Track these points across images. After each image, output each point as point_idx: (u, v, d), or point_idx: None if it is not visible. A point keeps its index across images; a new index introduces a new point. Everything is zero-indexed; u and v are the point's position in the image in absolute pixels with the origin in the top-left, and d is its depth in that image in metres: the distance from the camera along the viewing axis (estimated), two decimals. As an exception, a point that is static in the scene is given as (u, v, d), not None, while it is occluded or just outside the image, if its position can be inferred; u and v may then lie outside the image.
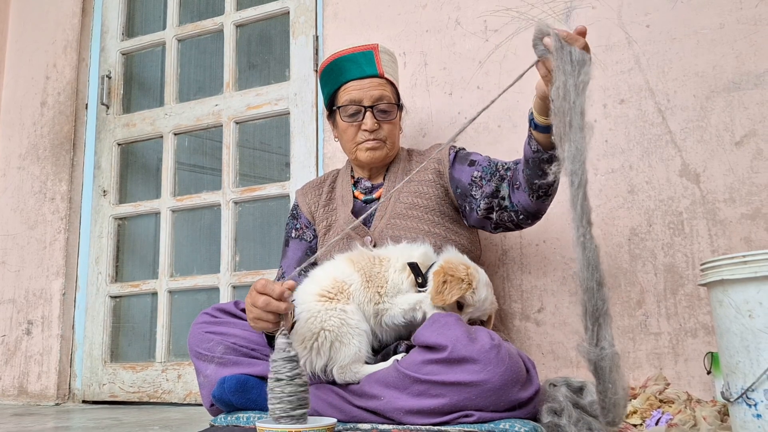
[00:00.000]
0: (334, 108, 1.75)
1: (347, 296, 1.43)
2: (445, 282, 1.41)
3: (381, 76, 1.73)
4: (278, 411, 1.17)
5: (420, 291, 1.45)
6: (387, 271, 1.47)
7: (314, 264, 1.78)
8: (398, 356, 1.41)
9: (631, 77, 1.92)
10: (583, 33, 1.15)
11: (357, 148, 1.73)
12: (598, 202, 1.90)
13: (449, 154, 1.72)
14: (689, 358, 1.74)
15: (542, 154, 1.39)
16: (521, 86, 2.05)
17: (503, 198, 1.58)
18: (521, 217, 1.57)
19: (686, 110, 1.85)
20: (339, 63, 1.74)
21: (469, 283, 1.43)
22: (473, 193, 1.64)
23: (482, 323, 1.52)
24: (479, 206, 1.62)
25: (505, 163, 1.63)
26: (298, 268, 1.42)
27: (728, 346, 1.20)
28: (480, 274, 1.49)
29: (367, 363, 1.42)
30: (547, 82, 1.18)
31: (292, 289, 1.29)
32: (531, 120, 1.38)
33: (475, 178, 1.64)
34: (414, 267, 1.46)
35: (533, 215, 1.56)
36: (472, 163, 1.67)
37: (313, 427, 1.16)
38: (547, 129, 1.34)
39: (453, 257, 1.50)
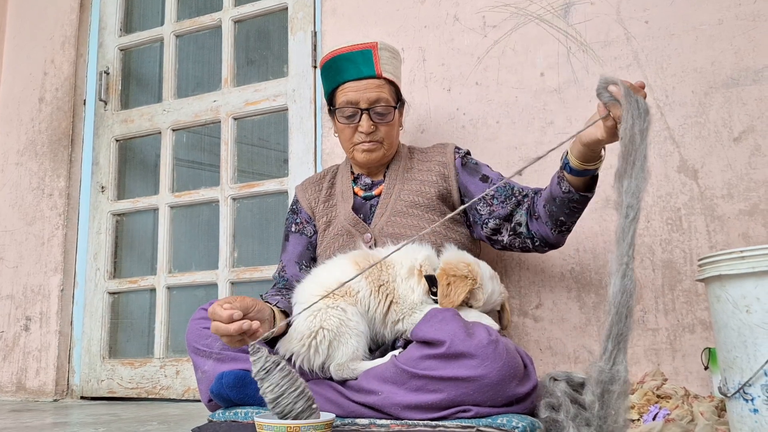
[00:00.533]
0: (332, 107, 1.75)
1: (354, 301, 1.42)
2: (449, 284, 1.41)
3: (379, 77, 1.69)
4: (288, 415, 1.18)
5: (434, 299, 1.45)
6: (395, 281, 1.46)
7: (314, 260, 1.79)
8: (395, 351, 1.41)
9: (630, 73, 1.91)
10: (642, 86, 1.24)
11: (354, 149, 1.72)
12: (596, 198, 1.89)
13: (454, 158, 1.72)
14: (687, 354, 1.74)
15: (573, 195, 1.45)
16: (520, 82, 2.06)
17: (519, 224, 1.60)
18: (537, 244, 1.60)
19: (685, 106, 1.85)
20: (337, 62, 1.72)
21: (474, 279, 1.44)
22: (478, 208, 1.66)
23: (499, 314, 1.53)
24: (486, 224, 1.64)
25: (522, 189, 1.64)
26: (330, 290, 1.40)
27: (725, 342, 1.20)
28: (482, 269, 1.48)
29: (364, 359, 1.42)
30: (610, 132, 1.26)
31: (245, 308, 1.30)
32: (566, 164, 1.42)
33: (486, 195, 1.65)
34: (430, 279, 1.45)
35: (553, 245, 1.62)
36: (485, 179, 1.68)
37: (311, 423, 1.17)
38: (580, 173, 1.41)
39: (452, 257, 1.49)
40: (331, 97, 1.75)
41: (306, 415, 1.18)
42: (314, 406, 1.21)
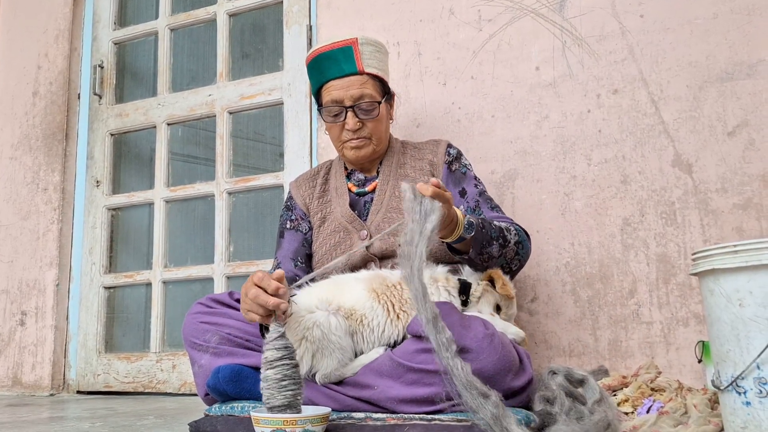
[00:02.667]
0: (319, 107, 1.74)
1: (369, 329, 1.41)
2: (500, 277, 1.47)
3: (361, 73, 1.68)
4: (267, 398, 1.19)
5: (463, 309, 1.46)
6: None
7: (309, 256, 1.79)
8: (381, 349, 1.41)
9: (625, 67, 1.92)
10: (435, 185, 1.27)
11: (343, 147, 1.72)
12: (591, 192, 1.91)
13: (444, 160, 1.70)
14: (680, 347, 1.76)
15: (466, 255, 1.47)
16: (516, 76, 2.06)
17: None
18: None
19: (679, 100, 1.85)
20: (319, 61, 1.71)
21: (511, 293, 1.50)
22: None
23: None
24: None
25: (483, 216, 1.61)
26: (311, 275, 1.39)
27: (719, 335, 1.21)
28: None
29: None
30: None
31: (281, 279, 1.27)
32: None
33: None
34: (465, 285, 1.47)
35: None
36: (462, 193, 1.66)
37: (308, 416, 1.17)
38: (459, 240, 1.43)
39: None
40: (317, 96, 1.75)
41: (294, 409, 1.19)
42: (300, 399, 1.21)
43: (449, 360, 1.13)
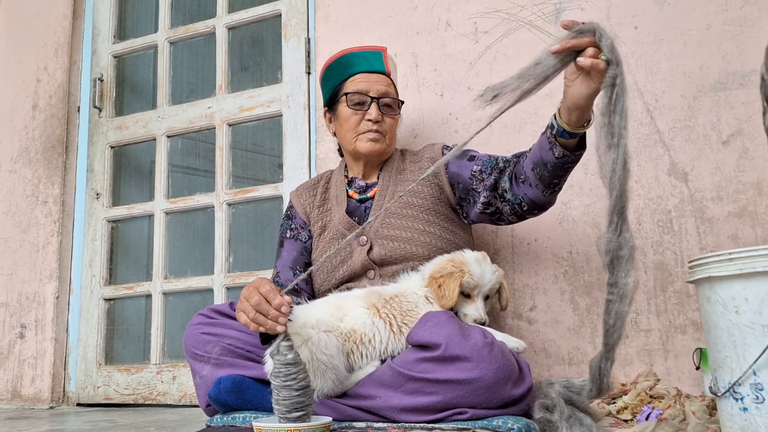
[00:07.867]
0: (339, 97, 1.77)
1: (372, 347, 1.41)
2: (440, 286, 1.44)
3: (388, 75, 1.80)
4: (278, 412, 1.20)
5: None
6: (417, 307, 1.46)
7: (309, 265, 1.80)
8: (376, 363, 1.42)
9: (620, 78, 1.94)
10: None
11: (357, 138, 1.75)
12: (589, 201, 1.92)
13: (442, 153, 1.75)
14: (679, 354, 1.77)
15: (568, 157, 1.41)
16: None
17: (505, 191, 1.57)
18: (526, 208, 1.56)
19: (674, 110, 1.87)
20: (348, 57, 1.80)
21: (461, 270, 1.45)
22: (475, 186, 1.64)
23: (499, 296, 1.54)
24: (480, 200, 1.62)
25: (504, 157, 1.63)
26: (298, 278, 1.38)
27: (716, 342, 1.23)
28: (465, 255, 1.49)
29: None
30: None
31: (287, 302, 1.25)
32: (560, 130, 1.39)
33: (475, 172, 1.64)
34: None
35: (542, 207, 1.56)
36: (471, 159, 1.68)
37: (309, 426, 1.18)
38: (572, 135, 1.38)
39: (433, 264, 1.51)
40: (336, 91, 1.80)
41: (306, 416, 1.20)
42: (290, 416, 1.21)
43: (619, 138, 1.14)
